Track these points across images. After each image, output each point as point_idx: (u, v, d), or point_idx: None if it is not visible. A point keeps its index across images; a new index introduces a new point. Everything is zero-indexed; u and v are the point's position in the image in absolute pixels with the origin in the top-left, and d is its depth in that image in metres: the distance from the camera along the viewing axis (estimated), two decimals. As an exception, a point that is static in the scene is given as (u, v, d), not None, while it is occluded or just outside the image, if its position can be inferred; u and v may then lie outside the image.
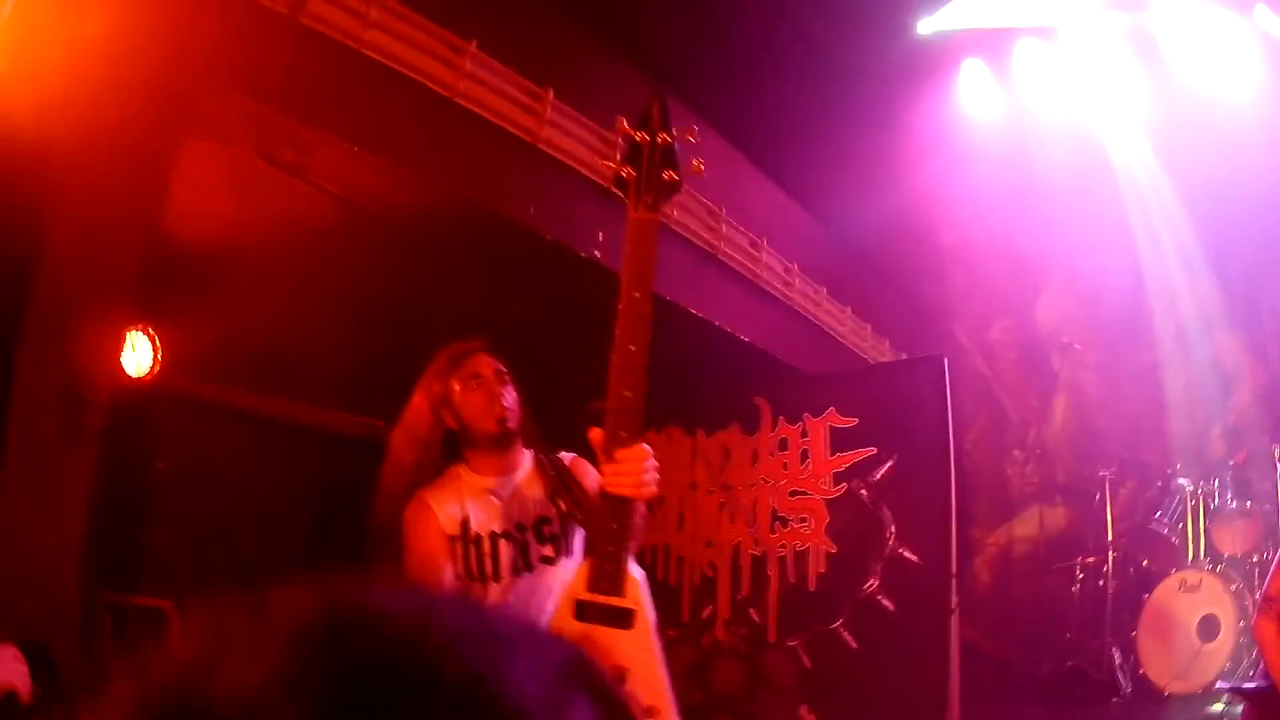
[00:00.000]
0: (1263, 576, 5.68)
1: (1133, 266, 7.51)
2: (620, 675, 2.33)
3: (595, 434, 2.36)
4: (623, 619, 2.35)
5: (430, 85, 4.05)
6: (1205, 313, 7.34)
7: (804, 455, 5.28)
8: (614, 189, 2.36)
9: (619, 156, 2.37)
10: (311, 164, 3.92)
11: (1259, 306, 7.21)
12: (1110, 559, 6.46)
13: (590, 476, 2.81)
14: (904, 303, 7.62)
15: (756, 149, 5.71)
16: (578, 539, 2.82)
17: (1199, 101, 6.61)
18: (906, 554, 4.86)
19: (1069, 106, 7.10)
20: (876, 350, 7.17)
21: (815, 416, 5.30)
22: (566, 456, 2.92)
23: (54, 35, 3.12)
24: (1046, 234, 7.44)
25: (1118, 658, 6.03)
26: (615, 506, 2.34)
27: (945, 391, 5.03)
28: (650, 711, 2.36)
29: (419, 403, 2.83)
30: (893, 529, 4.91)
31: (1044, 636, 6.59)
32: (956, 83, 7.07)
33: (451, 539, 2.70)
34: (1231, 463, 6.32)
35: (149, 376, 4.83)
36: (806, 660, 5.03)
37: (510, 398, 2.79)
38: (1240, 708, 3.93)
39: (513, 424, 2.76)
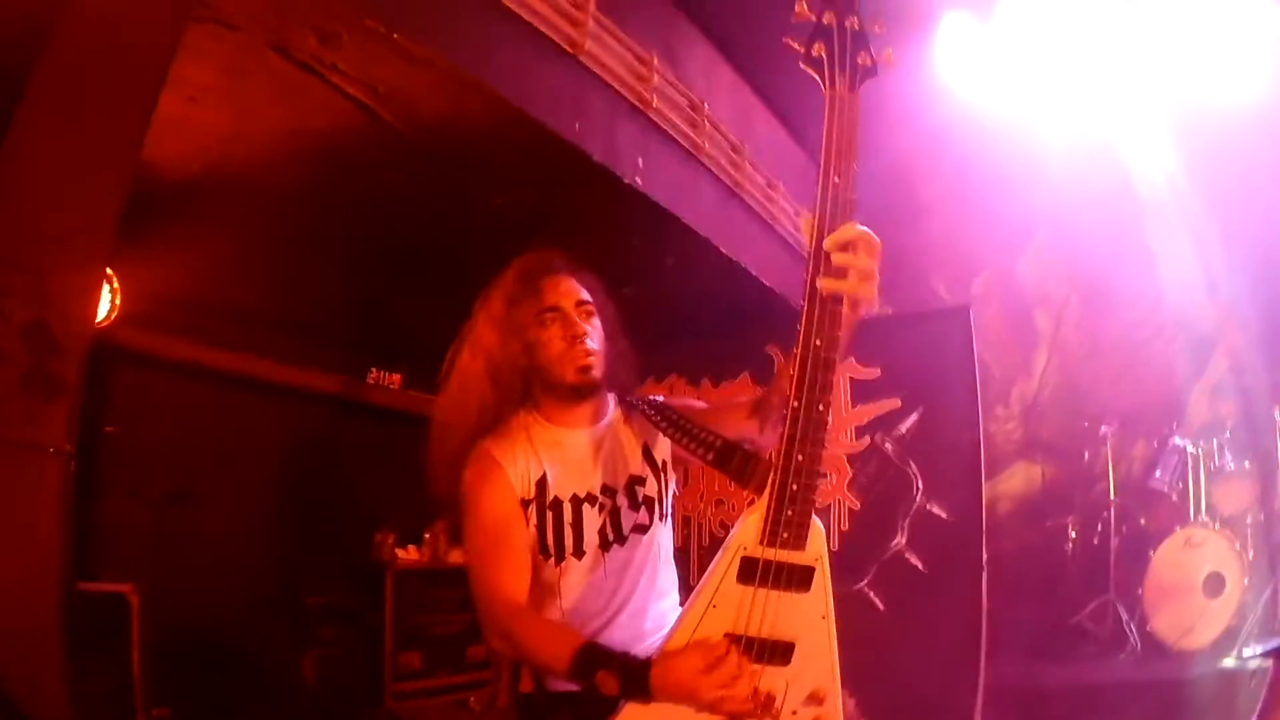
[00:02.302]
0: (1258, 536, 5.93)
1: (1113, 228, 7.44)
2: (788, 651, 1.99)
3: (806, 223, 1.98)
4: (802, 579, 1.98)
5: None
6: (1187, 275, 7.38)
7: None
8: (805, 66, 2.00)
9: (807, 38, 2.00)
10: (337, 59, 3.37)
11: (1237, 273, 7.23)
12: (1110, 516, 6.50)
13: (696, 412, 2.39)
14: (884, 255, 7.44)
15: (763, 85, 5.43)
16: (669, 498, 2.43)
17: (1198, 78, 6.56)
18: (935, 510, 4.69)
19: (1061, 68, 6.92)
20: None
21: (833, 367, 5.06)
22: (656, 399, 2.45)
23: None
24: (1030, 192, 7.36)
25: (1123, 614, 6.08)
26: (805, 414, 1.92)
27: (971, 342, 4.91)
28: (815, 697, 2.02)
29: (487, 333, 2.33)
30: (920, 484, 4.74)
31: (1040, 593, 6.55)
32: (939, 33, 6.93)
33: (524, 503, 2.25)
34: (1230, 424, 6.41)
35: (104, 324, 4.29)
36: (831, 623, 4.81)
37: (595, 337, 2.32)
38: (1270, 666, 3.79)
39: (597, 373, 2.30)
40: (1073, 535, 6.79)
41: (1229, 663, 5.32)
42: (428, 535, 5.76)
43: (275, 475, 5.34)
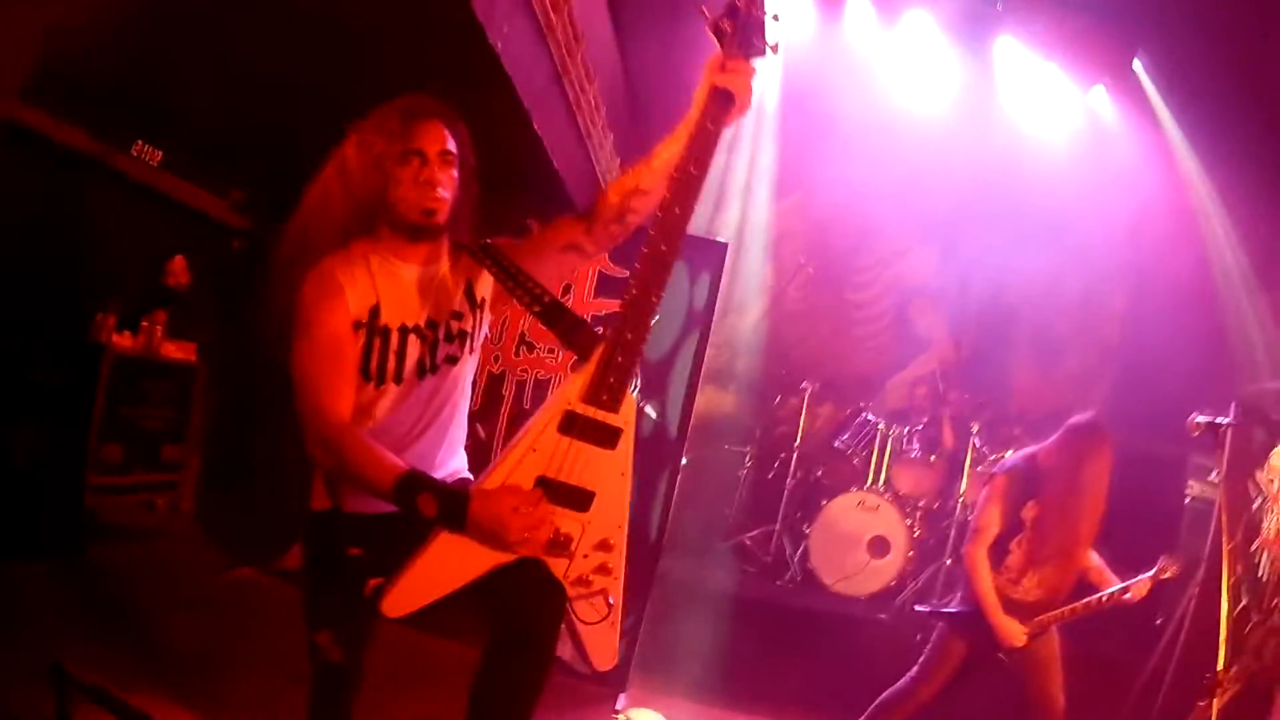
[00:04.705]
0: (930, 521, 6.77)
1: (870, 213, 8.35)
2: (588, 499, 2.34)
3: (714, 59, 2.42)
4: (610, 438, 2.34)
5: None
6: (919, 280, 8.39)
7: (566, 289, 5.27)
8: (711, 34, 2.44)
9: (720, 12, 2.44)
10: None
11: (967, 296, 8.27)
12: (790, 459, 7.20)
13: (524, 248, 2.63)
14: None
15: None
16: (481, 334, 2.66)
17: (1003, 125, 7.63)
18: (646, 407, 5.09)
19: (878, 58, 7.75)
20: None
21: (585, 257, 5.38)
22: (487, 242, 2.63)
23: None
24: (797, 153, 8.00)
25: (787, 547, 6.81)
26: (639, 301, 2.32)
27: (720, 275, 5.31)
28: (605, 544, 2.38)
29: (354, 157, 2.45)
30: (639, 381, 5.07)
31: (710, 507, 7.25)
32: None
33: (356, 325, 2.40)
34: (925, 419, 7.18)
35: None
36: (526, 484, 5.12)
37: (448, 186, 2.48)
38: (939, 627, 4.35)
39: (441, 219, 2.48)
40: (748, 464, 7.52)
41: (883, 616, 6.17)
42: (145, 323, 5.56)
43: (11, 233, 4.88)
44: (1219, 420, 4.31)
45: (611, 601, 2.39)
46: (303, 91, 4.69)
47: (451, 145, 2.51)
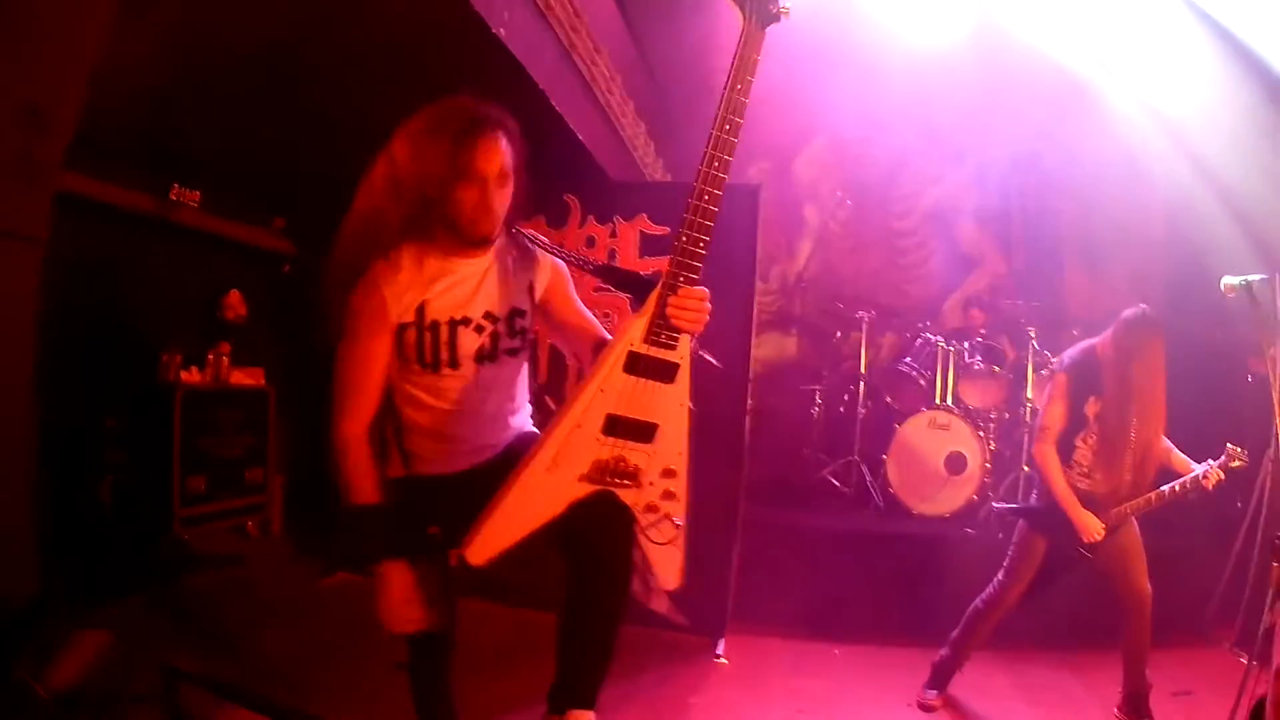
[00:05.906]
0: (1002, 431, 6.77)
1: (899, 144, 8.41)
2: (652, 431, 2.48)
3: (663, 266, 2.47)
4: (669, 373, 2.50)
5: None
6: (959, 202, 8.41)
7: (611, 255, 5.44)
8: (730, 2, 2.46)
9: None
10: None
11: (1009, 210, 8.30)
12: (861, 390, 7.24)
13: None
14: (671, 129, 7.86)
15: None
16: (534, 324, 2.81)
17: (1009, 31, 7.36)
18: (707, 356, 5.12)
19: None
20: (653, 168, 7.43)
21: (626, 220, 5.50)
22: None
23: None
24: (824, 95, 7.96)
25: (867, 475, 6.87)
26: (688, 247, 2.43)
27: (756, 217, 5.35)
28: (669, 472, 2.52)
29: (406, 164, 2.52)
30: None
31: (787, 448, 7.37)
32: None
33: (403, 326, 2.59)
34: (983, 332, 7.18)
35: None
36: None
37: (504, 204, 2.58)
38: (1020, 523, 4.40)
39: (495, 236, 2.62)
40: (819, 403, 7.56)
41: (970, 531, 6.21)
42: (211, 356, 5.74)
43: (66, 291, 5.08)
44: (1250, 279, 4.19)
45: (679, 523, 2.53)
46: (327, 112, 4.80)
47: (508, 161, 2.56)
